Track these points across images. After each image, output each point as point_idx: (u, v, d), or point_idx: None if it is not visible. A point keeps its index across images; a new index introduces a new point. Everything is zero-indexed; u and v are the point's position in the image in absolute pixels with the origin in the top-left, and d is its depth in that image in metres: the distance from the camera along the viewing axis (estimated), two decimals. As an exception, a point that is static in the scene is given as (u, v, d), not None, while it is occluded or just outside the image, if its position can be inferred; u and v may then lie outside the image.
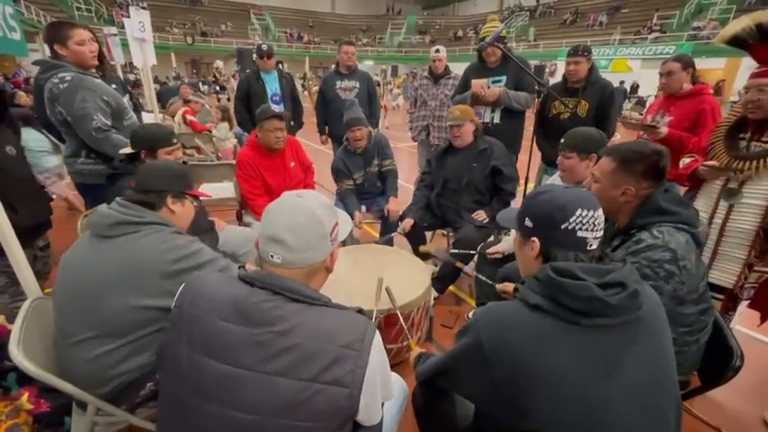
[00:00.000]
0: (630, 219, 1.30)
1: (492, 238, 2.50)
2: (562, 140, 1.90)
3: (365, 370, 0.78)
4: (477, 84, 2.88)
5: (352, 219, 2.70)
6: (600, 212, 0.86)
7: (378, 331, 0.85)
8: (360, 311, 0.90)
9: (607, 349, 0.77)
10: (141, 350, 1.17)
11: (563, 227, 0.84)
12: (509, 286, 1.61)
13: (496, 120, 2.99)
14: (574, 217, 0.83)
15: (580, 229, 0.83)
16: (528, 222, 0.91)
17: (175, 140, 1.87)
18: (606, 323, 0.76)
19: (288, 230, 0.83)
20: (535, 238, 0.89)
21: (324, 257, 0.90)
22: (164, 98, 6.78)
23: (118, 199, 1.24)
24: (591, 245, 0.84)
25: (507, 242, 2.14)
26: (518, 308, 0.82)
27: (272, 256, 0.84)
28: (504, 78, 2.90)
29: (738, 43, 1.64)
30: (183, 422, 0.80)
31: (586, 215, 0.83)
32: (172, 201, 1.31)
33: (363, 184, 2.91)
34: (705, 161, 1.75)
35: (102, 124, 2.04)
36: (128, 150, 1.83)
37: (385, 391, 0.87)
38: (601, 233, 0.86)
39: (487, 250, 2.16)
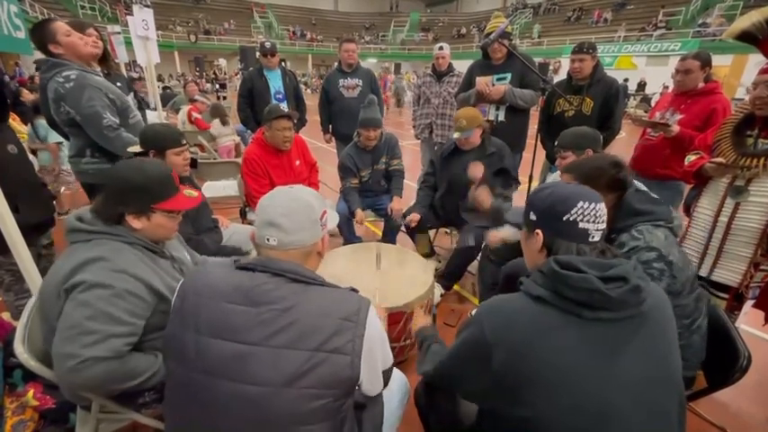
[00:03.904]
0: (609, 225, 1.31)
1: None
2: (556, 143, 1.90)
3: (363, 339, 0.84)
4: (482, 81, 2.86)
5: (354, 216, 2.70)
6: (601, 206, 0.88)
7: (372, 305, 0.91)
8: (353, 290, 0.96)
9: (608, 342, 0.77)
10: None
11: (565, 218, 0.87)
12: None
13: (501, 117, 2.97)
14: (575, 209, 0.86)
15: (581, 220, 0.86)
16: (532, 216, 0.94)
17: (184, 141, 1.87)
18: (608, 317, 0.77)
19: (282, 215, 0.90)
20: (539, 231, 0.92)
21: (315, 240, 0.96)
22: (167, 100, 6.77)
23: (88, 207, 1.19)
24: (593, 236, 0.87)
25: (510, 228, 2.09)
26: (521, 299, 0.83)
27: (267, 240, 0.91)
28: (508, 76, 2.88)
29: (747, 38, 1.62)
30: (195, 402, 0.83)
31: (588, 207, 0.86)
32: (133, 217, 1.15)
33: (368, 181, 2.90)
34: (712, 158, 1.73)
35: (111, 122, 2.03)
36: (136, 149, 1.82)
37: (384, 359, 0.95)
38: (603, 225, 0.88)
39: (489, 235, 2.09)
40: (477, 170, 2.39)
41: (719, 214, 1.73)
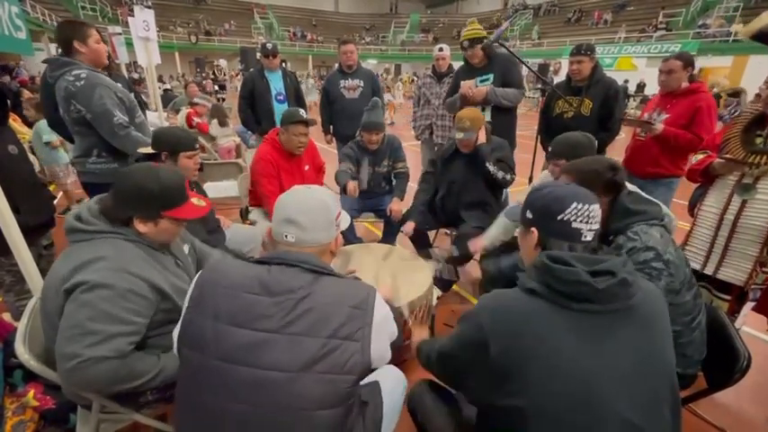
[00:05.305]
0: (604, 226, 1.34)
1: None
2: (550, 149, 1.89)
3: (371, 326, 0.90)
4: (466, 85, 2.89)
5: (346, 191, 2.65)
6: (596, 207, 0.91)
7: (378, 292, 0.97)
8: (356, 278, 1.02)
9: (596, 333, 0.81)
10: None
11: (559, 218, 0.90)
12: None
13: (487, 118, 2.97)
14: (569, 209, 0.89)
15: (575, 220, 0.89)
16: (529, 214, 0.98)
17: (197, 146, 1.88)
18: (596, 309, 0.81)
19: (301, 213, 0.96)
20: (534, 229, 0.96)
21: (330, 240, 1.02)
22: (168, 101, 6.76)
23: (90, 203, 1.19)
24: (585, 236, 0.90)
25: (488, 237, 2.11)
26: (516, 293, 0.88)
27: (286, 236, 0.96)
28: (491, 77, 2.90)
29: (764, 38, 1.62)
30: (212, 389, 0.85)
31: (582, 208, 0.89)
32: (139, 221, 1.16)
33: (370, 183, 2.88)
34: (720, 155, 1.73)
35: (122, 120, 2.04)
36: (148, 150, 1.82)
37: (391, 334, 1.00)
38: (596, 226, 0.91)
39: (471, 245, 2.12)
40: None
41: (726, 212, 1.73)
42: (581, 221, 0.89)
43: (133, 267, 1.09)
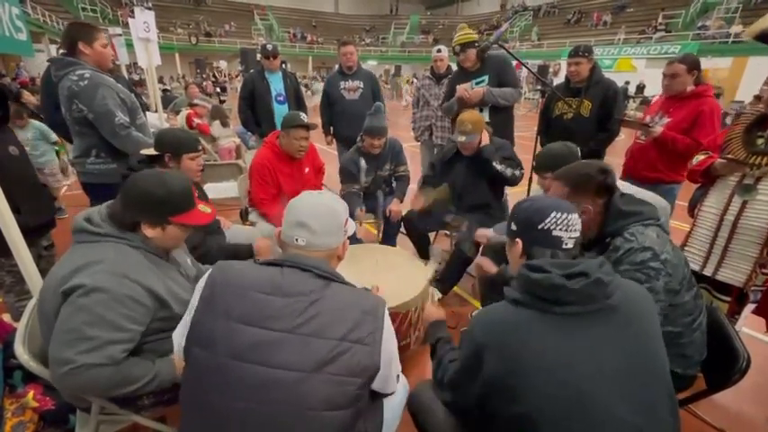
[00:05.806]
0: (599, 229, 1.37)
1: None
2: (534, 164, 1.91)
3: (382, 332, 0.92)
4: (462, 88, 2.90)
5: (354, 218, 2.69)
6: (574, 216, 0.97)
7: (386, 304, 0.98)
8: (365, 289, 1.04)
9: (579, 335, 0.83)
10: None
11: (540, 227, 0.96)
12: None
13: (486, 118, 2.98)
14: (549, 218, 0.95)
15: (555, 228, 0.95)
16: (513, 226, 1.05)
17: (200, 147, 1.88)
18: (576, 310, 0.84)
19: (312, 217, 0.98)
20: (518, 239, 1.02)
21: (338, 244, 1.04)
22: (166, 102, 6.74)
23: (101, 207, 1.20)
24: (566, 243, 0.95)
25: (495, 232, 2.12)
26: (504, 305, 0.92)
27: (296, 240, 0.98)
28: (486, 78, 2.92)
29: (767, 39, 1.62)
30: (220, 387, 0.85)
31: (561, 217, 0.95)
32: (146, 226, 1.16)
33: (370, 187, 2.88)
34: (722, 156, 1.73)
35: (123, 121, 2.05)
36: (150, 152, 1.82)
37: (395, 365, 1.00)
38: (576, 234, 0.97)
39: (476, 233, 2.18)
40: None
41: (726, 213, 1.73)
42: (561, 229, 0.95)
43: (132, 273, 1.08)
